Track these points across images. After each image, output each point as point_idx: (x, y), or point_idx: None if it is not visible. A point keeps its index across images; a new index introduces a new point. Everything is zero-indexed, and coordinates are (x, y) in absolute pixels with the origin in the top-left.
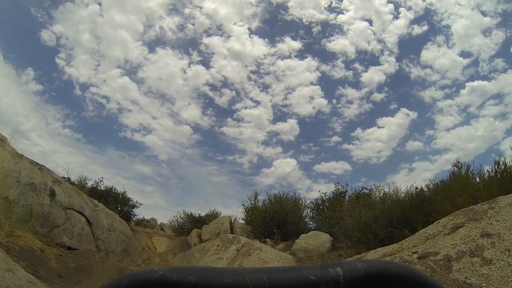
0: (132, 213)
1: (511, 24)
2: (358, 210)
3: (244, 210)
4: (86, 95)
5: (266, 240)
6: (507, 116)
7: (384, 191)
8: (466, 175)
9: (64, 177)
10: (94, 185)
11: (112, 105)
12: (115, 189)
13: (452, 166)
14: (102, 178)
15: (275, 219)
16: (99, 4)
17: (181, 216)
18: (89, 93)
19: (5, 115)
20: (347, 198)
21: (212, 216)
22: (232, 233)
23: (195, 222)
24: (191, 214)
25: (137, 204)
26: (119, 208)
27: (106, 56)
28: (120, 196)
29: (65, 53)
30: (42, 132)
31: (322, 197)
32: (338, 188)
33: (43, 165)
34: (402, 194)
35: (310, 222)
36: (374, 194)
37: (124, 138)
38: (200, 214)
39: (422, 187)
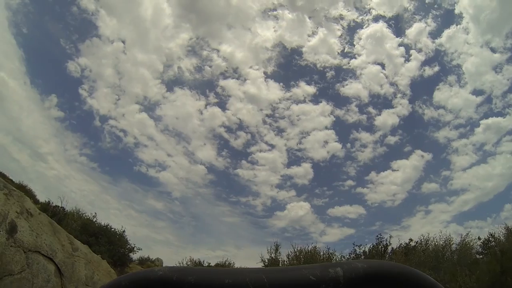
0: (128, 257)
1: None
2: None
3: (263, 264)
4: (105, 126)
5: None
6: None
7: (435, 243)
8: None
9: (49, 207)
10: (88, 220)
11: (129, 139)
12: (111, 228)
13: None
14: (95, 213)
15: None
16: (123, 42)
17: (187, 263)
18: (108, 125)
19: (26, 136)
20: (389, 251)
21: (224, 266)
22: None
23: None
24: (199, 262)
25: (136, 249)
26: (114, 250)
27: (126, 91)
28: (117, 236)
29: (88, 85)
30: (59, 157)
31: (355, 250)
32: (380, 241)
33: (14, 190)
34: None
35: None
36: (420, 246)
37: (139, 172)
38: (209, 263)
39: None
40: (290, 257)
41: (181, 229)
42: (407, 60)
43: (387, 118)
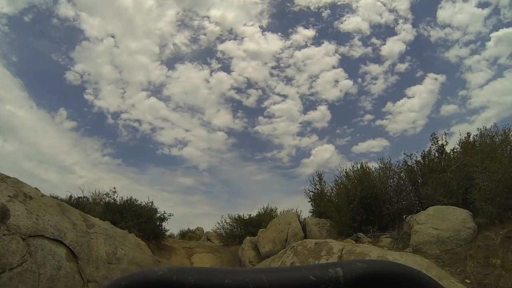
0: (161, 228)
1: None
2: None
3: (310, 199)
4: (119, 122)
5: (358, 235)
6: None
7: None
8: None
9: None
10: (110, 200)
11: (145, 126)
12: (135, 201)
13: None
14: (115, 188)
15: (363, 202)
16: (112, 36)
17: (227, 221)
18: (121, 119)
19: (48, 155)
20: (451, 150)
21: (267, 215)
22: (306, 236)
23: (246, 226)
24: (239, 217)
25: (167, 216)
26: (144, 223)
27: (129, 82)
28: (145, 208)
29: (91, 88)
30: (85, 164)
31: (406, 161)
32: (436, 141)
33: (9, 177)
34: None
35: (411, 196)
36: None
37: (162, 155)
38: (250, 215)
39: None
40: (339, 182)
41: (216, 198)
42: None
43: (392, 47)
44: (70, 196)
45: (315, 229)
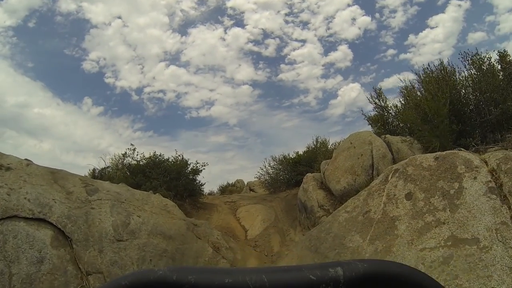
0: (195, 182)
1: None
2: None
3: (369, 121)
4: (143, 96)
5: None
6: None
7: None
8: None
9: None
10: (130, 161)
11: (170, 95)
12: (160, 156)
13: None
14: (132, 145)
15: (454, 109)
16: (119, 17)
17: (270, 164)
18: (145, 94)
19: (83, 144)
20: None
21: (321, 149)
22: (394, 158)
23: (296, 166)
24: (285, 157)
25: (200, 167)
26: (174, 182)
27: (146, 57)
28: (173, 162)
29: (109, 72)
30: (119, 143)
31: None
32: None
33: None
34: None
35: None
36: None
37: (191, 118)
38: (298, 152)
39: None
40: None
41: (250, 150)
42: None
43: None
44: (93, 170)
45: (404, 147)
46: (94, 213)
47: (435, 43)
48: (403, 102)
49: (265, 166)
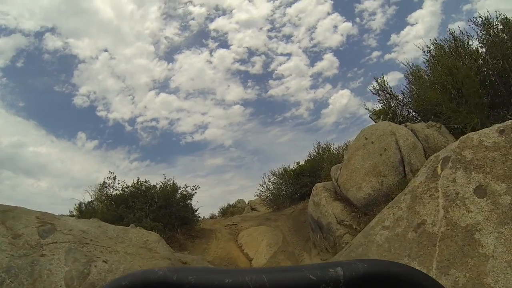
0: (188, 209)
1: None
2: None
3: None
4: (137, 126)
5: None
6: None
7: None
8: None
9: None
10: (109, 191)
11: (163, 123)
12: (145, 182)
13: None
14: (113, 174)
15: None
16: (106, 50)
17: (270, 179)
18: (138, 124)
19: (82, 178)
20: None
21: (324, 155)
22: (423, 147)
23: (297, 177)
24: (285, 169)
25: (191, 191)
26: (162, 211)
27: (135, 87)
28: (161, 188)
29: (101, 105)
30: (117, 175)
31: None
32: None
33: None
34: None
35: None
36: None
37: (187, 143)
38: (299, 162)
39: None
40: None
41: (248, 169)
42: None
43: None
44: (80, 204)
45: (433, 133)
46: (44, 262)
47: (417, 39)
48: (413, 87)
49: (264, 182)
